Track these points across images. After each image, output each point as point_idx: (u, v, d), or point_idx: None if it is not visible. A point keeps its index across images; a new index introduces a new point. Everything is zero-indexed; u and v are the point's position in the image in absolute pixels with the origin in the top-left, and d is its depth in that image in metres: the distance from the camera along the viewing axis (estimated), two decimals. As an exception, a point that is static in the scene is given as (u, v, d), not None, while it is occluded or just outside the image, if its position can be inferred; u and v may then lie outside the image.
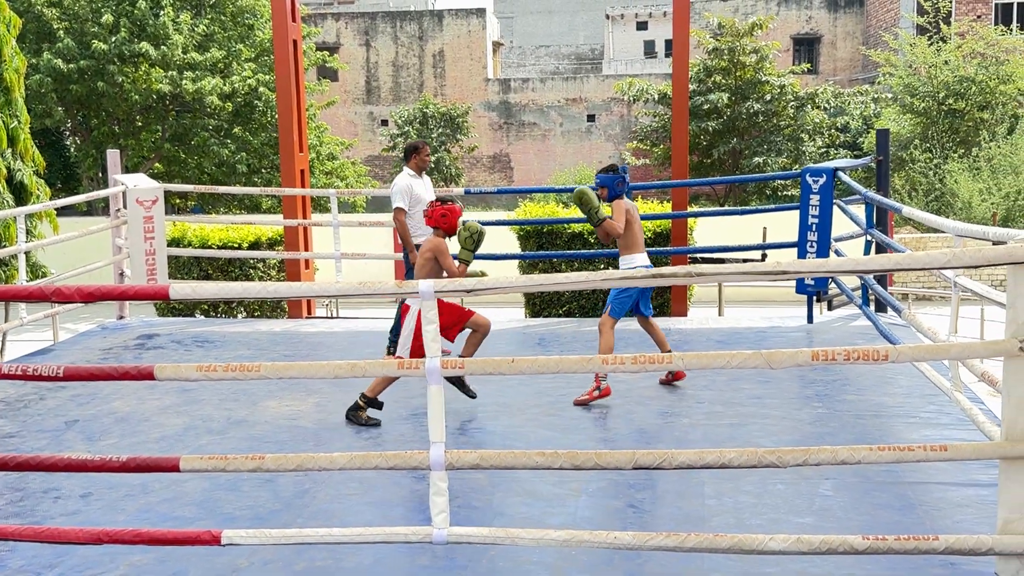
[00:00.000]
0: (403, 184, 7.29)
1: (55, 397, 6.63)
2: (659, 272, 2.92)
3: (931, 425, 5.48)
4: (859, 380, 6.45)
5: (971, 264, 2.71)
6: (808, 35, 37.85)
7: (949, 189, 19.20)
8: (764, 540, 2.86)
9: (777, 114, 24.48)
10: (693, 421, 5.75)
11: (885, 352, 2.77)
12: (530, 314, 10.78)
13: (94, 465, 3.02)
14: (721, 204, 24.60)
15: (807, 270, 2.86)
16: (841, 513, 4.31)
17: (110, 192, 9.17)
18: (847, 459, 2.83)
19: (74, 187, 26.80)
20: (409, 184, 7.29)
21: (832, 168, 8.00)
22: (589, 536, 2.96)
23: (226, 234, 11.87)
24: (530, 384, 6.55)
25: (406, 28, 38.33)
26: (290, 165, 9.97)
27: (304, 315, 10.08)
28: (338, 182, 24.42)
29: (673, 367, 2.92)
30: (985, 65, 21.60)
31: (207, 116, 23.32)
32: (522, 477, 4.79)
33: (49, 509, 4.64)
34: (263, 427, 5.85)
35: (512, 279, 3.05)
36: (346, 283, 3.02)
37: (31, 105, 21.26)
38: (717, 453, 2.87)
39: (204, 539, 3.06)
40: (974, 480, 4.59)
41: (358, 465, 3.04)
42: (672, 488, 4.68)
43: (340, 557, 4.01)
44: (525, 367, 2.95)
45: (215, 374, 2.97)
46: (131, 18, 22.23)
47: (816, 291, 8.18)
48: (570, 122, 37.91)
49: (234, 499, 4.68)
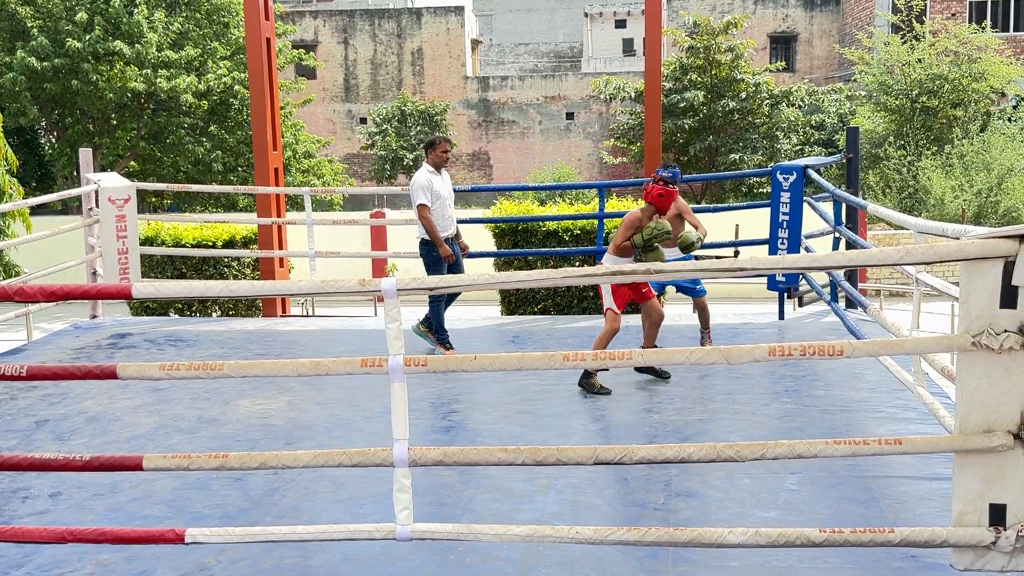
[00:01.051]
0: (422, 180, 7.31)
1: (26, 397, 6.60)
2: (619, 269, 2.96)
3: (896, 420, 5.55)
4: (828, 375, 6.52)
5: (923, 260, 2.76)
6: (785, 33, 38.06)
7: (922, 186, 19.38)
8: (723, 534, 2.90)
9: (752, 112, 24.63)
10: (664, 418, 5.79)
11: (840, 347, 2.82)
12: (505, 312, 10.81)
13: (57, 464, 3.02)
14: (698, 202, 24.70)
15: (768, 267, 2.91)
16: (806, 507, 4.36)
17: (82, 191, 9.13)
18: (804, 452, 2.87)
19: (48, 186, 26.60)
20: (428, 180, 7.31)
21: (802, 166, 8.07)
22: (551, 531, 2.99)
23: (200, 233, 11.83)
24: (504, 382, 6.58)
25: (384, 26, 38.27)
26: (264, 163, 9.95)
27: (279, 314, 10.07)
28: (315, 180, 24.37)
29: (632, 363, 2.95)
30: (958, 63, 21.80)
31: (182, 114, 23.21)
32: (492, 474, 4.82)
33: (17, 509, 4.63)
34: (234, 426, 5.85)
35: (476, 276, 3.08)
36: (308, 281, 3.04)
37: (5, 104, 21.12)
38: (677, 448, 2.91)
39: (168, 538, 3.07)
40: (936, 474, 4.65)
41: (322, 463, 3.06)
42: (640, 484, 4.72)
43: (308, 554, 4.02)
44: (488, 364, 2.98)
45: (178, 372, 2.98)
46: (105, 16, 22.09)
47: (787, 287, 8.25)
48: (549, 120, 37.97)
49: (203, 498, 4.68)
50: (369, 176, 33.65)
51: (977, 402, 2.82)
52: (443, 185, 7.43)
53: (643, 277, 2.93)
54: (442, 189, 7.38)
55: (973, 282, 2.77)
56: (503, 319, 9.63)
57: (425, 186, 7.29)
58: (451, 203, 7.53)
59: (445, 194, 7.41)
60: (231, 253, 10.68)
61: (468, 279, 3.05)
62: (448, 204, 7.47)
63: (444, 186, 7.43)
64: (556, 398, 6.21)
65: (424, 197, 7.27)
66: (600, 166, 36.46)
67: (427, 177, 7.33)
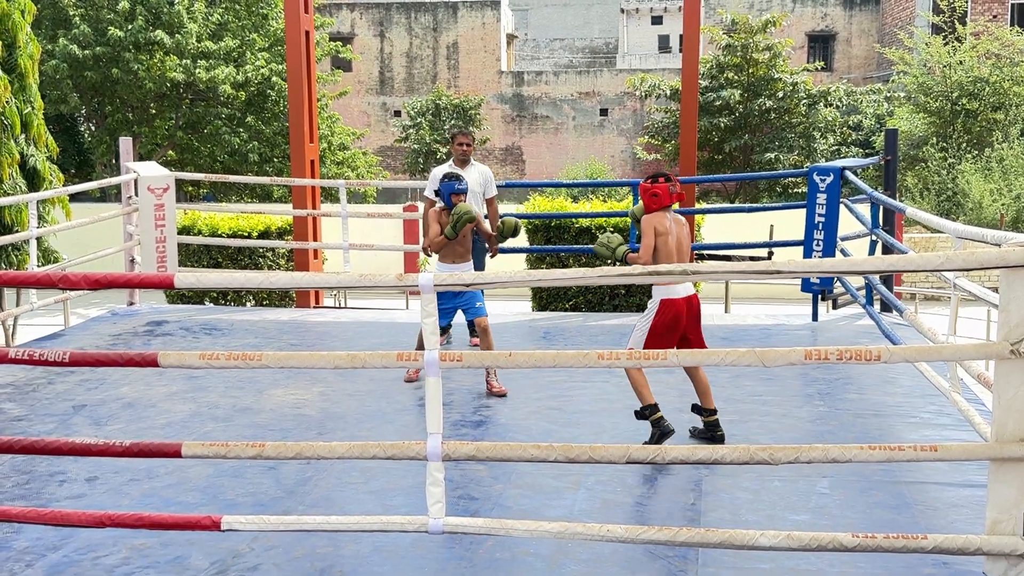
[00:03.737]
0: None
1: (64, 382, 6.70)
2: (655, 269, 2.96)
3: (930, 425, 5.51)
4: (861, 379, 6.47)
5: (963, 267, 2.74)
6: (823, 32, 37.73)
7: (960, 189, 19.15)
8: (755, 536, 2.90)
9: (789, 111, 24.44)
10: (694, 418, 5.77)
11: (878, 352, 2.80)
12: (537, 307, 10.82)
13: (98, 449, 3.08)
14: (732, 201, 24.59)
15: (803, 270, 2.90)
16: (837, 511, 4.34)
17: (122, 179, 9.24)
18: (838, 457, 2.86)
19: (88, 173, 26.94)
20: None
21: (839, 167, 8.00)
22: (582, 528, 3.01)
23: (236, 223, 11.94)
24: (534, 377, 6.59)
25: (420, 19, 38.37)
26: (300, 155, 10.02)
27: (312, 305, 10.15)
28: (349, 172, 24.50)
29: (668, 364, 2.96)
30: (1000, 66, 21.52)
31: (220, 105, 23.41)
32: (523, 470, 4.84)
33: (55, 492, 4.71)
34: (268, 415, 5.91)
35: (512, 273, 3.10)
36: (346, 275, 3.07)
37: (46, 91, 21.38)
38: (710, 449, 2.91)
39: (204, 524, 3.12)
40: (970, 481, 4.61)
41: (357, 454, 3.09)
42: (670, 484, 4.72)
43: (340, 544, 4.07)
44: (523, 360, 3.00)
45: (218, 362, 3.02)
46: (147, 6, 22.34)
47: (821, 290, 8.19)
48: (583, 116, 37.91)
49: (237, 485, 4.74)
50: (402, 169, 33.78)
51: (1015, 410, 2.80)
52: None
53: (679, 277, 2.93)
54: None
55: (1014, 289, 2.75)
56: (535, 315, 9.64)
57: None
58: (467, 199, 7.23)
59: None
60: (266, 244, 10.77)
61: (506, 276, 3.07)
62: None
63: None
64: (586, 395, 6.21)
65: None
66: (633, 163, 36.35)
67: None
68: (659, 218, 5.11)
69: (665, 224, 5.09)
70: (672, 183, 5.16)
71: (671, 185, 5.14)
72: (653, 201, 5.12)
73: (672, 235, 5.09)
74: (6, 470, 4.98)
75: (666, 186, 5.12)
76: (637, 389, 5.13)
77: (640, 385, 5.12)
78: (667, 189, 5.11)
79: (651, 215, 5.12)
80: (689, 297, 5.09)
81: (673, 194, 5.15)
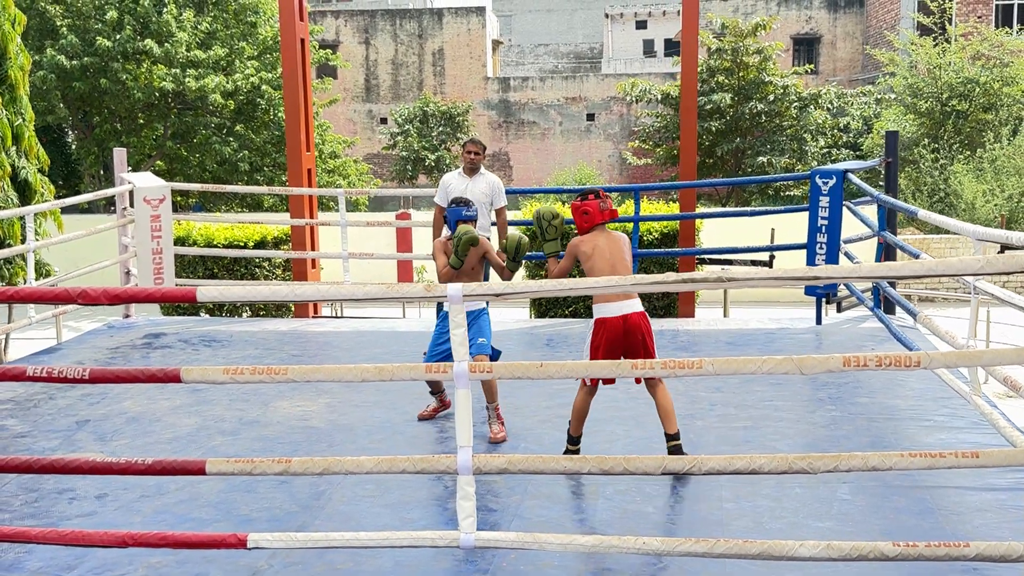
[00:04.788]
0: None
1: (65, 396, 6.60)
2: (691, 277, 2.91)
3: (945, 428, 5.47)
4: (870, 382, 6.44)
5: (1005, 271, 2.70)
6: (808, 35, 37.87)
7: (953, 190, 19.21)
8: (794, 546, 2.85)
9: (780, 114, 24.48)
10: (707, 424, 5.73)
11: (917, 358, 2.76)
12: (536, 314, 10.76)
13: (119, 468, 3.00)
14: (723, 204, 24.60)
15: (840, 275, 2.86)
16: (860, 517, 4.30)
17: (117, 191, 9.15)
18: (878, 465, 2.82)
19: (75, 184, 26.75)
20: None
21: (842, 170, 7.99)
22: (618, 542, 2.95)
23: (231, 233, 11.84)
24: (543, 385, 6.52)
25: (406, 26, 38.31)
26: (297, 164, 9.94)
27: (310, 315, 10.06)
28: (341, 180, 24.40)
29: (703, 373, 2.90)
30: (989, 67, 21.62)
31: (209, 114, 23.28)
32: (539, 480, 4.77)
33: (65, 510, 4.62)
34: (275, 428, 5.84)
35: (540, 284, 3.04)
36: (372, 286, 3.01)
37: (33, 102, 21.17)
38: (747, 459, 2.86)
39: (230, 543, 3.05)
40: (991, 484, 4.58)
41: (385, 469, 3.03)
42: (690, 491, 4.67)
43: (360, 560, 4.00)
44: (554, 371, 2.94)
45: (243, 376, 2.95)
46: (135, 15, 22.20)
47: (825, 293, 8.17)
48: (569, 121, 37.91)
49: (250, 500, 4.67)
50: (390, 176, 33.68)
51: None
52: (467, 189, 7.10)
53: (715, 285, 2.88)
54: (462, 192, 7.06)
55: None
56: (535, 322, 9.58)
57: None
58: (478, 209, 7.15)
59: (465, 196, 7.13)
60: (264, 254, 10.69)
61: (535, 285, 3.01)
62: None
63: (468, 190, 7.09)
64: (596, 403, 6.11)
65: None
66: (621, 167, 36.37)
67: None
68: (586, 240, 4.96)
69: (590, 246, 4.93)
70: (602, 199, 5.00)
71: (600, 202, 4.98)
72: (584, 220, 4.97)
73: (603, 256, 4.91)
74: (13, 489, 4.89)
75: (596, 203, 4.96)
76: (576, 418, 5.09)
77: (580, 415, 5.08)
78: (597, 206, 4.96)
79: (579, 238, 4.98)
80: (627, 316, 4.86)
81: (604, 211, 4.99)
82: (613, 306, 4.85)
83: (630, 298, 4.87)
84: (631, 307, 4.88)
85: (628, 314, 4.86)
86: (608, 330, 4.89)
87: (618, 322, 4.86)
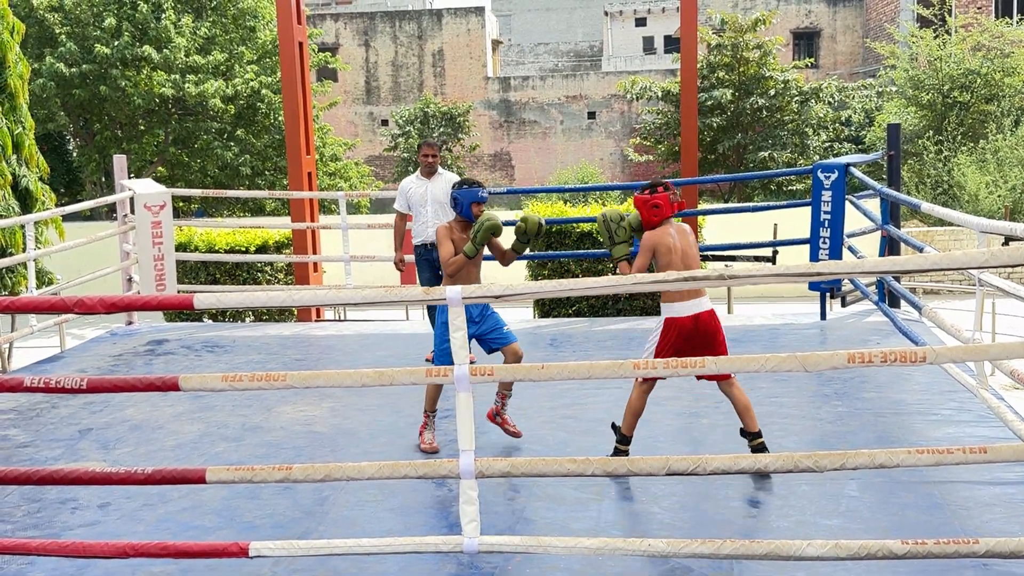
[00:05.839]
0: (402, 185, 7.21)
1: (67, 405, 6.58)
2: (691, 275, 2.88)
3: (952, 423, 5.43)
4: (876, 377, 6.40)
5: (1009, 263, 2.67)
6: (808, 29, 37.82)
7: (956, 182, 19.15)
8: (802, 546, 2.82)
9: (781, 109, 24.43)
10: (712, 422, 5.70)
11: (923, 354, 2.72)
12: (539, 314, 10.72)
13: (119, 478, 2.98)
14: (725, 200, 24.55)
15: (844, 271, 2.82)
16: (868, 514, 4.26)
17: (118, 198, 9.13)
18: (885, 462, 2.78)
19: (76, 191, 26.76)
20: (407, 185, 7.15)
21: (844, 164, 7.94)
22: (623, 543, 2.92)
23: (233, 238, 11.82)
24: (546, 386, 6.50)
25: (405, 28, 38.31)
26: (297, 168, 9.93)
27: (313, 319, 10.04)
28: (342, 183, 24.38)
29: (707, 371, 2.87)
30: (990, 58, 21.55)
31: (210, 119, 23.27)
32: (542, 481, 4.74)
33: (67, 520, 4.60)
34: (279, 433, 5.81)
35: (540, 285, 3.01)
36: (371, 290, 2.98)
37: (33, 110, 21.20)
38: (752, 458, 2.82)
39: (232, 551, 3.02)
40: (999, 478, 4.54)
41: (387, 474, 3.00)
42: (696, 491, 4.63)
43: (364, 566, 3.96)
44: (556, 373, 2.91)
45: (241, 384, 2.92)
46: (133, 22, 22.19)
47: (830, 288, 8.13)
48: (570, 119, 37.88)
49: (254, 507, 4.64)
50: (392, 178, 33.67)
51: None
52: (426, 191, 7.02)
53: (717, 283, 2.85)
54: (422, 195, 7.03)
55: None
56: (538, 322, 9.54)
57: (401, 191, 7.15)
58: (433, 210, 7.01)
59: (424, 200, 7.03)
60: (266, 258, 10.67)
61: (535, 286, 2.98)
62: (425, 211, 7.04)
63: (428, 192, 7.01)
64: (600, 403, 6.12)
65: (397, 202, 7.20)
66: (623, 165, 36.32)
67: (408, 182, 7.16)
68: (661, 235, 4.62)
69: (668, 241, 4.61)
70: (671, 191, 4.65)
71: (671, 194, 4.63)
72: (654, 214, 4.61)
73: (677, 252, 4.63)
74: (15, 499, 4.87)
75: (666, 195, 4.61)
76: (630, 415, 4.87)
77: (635, 414, 4.85)
78: (668, 199, 4.60)
79: (653, 232, 4.63)
80: (698, 315, 4.62)
81: (675, 203, 4.65)
82: (684, 305, 4.59)
83: (700, 295, 4.59)
84: (701, 305, 4.62)
85: (699, 313, 4.61)
86: (679, 331, 4.63)
87: (689, 322, 4.62)
